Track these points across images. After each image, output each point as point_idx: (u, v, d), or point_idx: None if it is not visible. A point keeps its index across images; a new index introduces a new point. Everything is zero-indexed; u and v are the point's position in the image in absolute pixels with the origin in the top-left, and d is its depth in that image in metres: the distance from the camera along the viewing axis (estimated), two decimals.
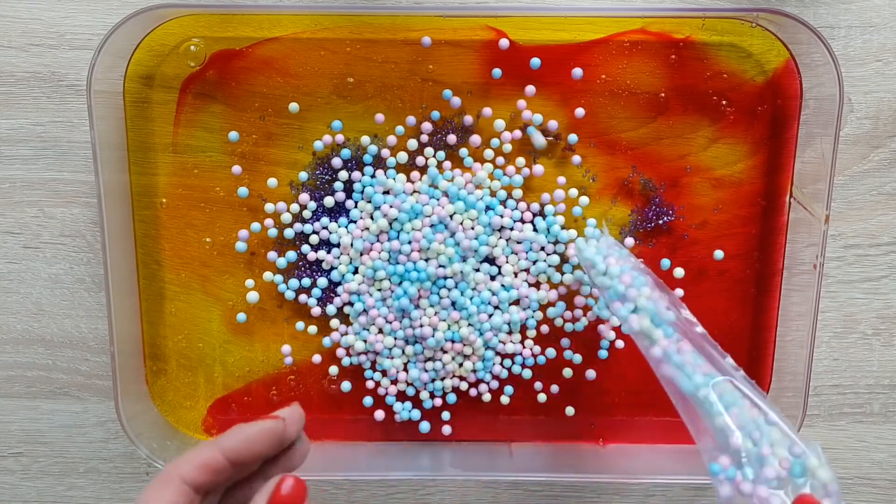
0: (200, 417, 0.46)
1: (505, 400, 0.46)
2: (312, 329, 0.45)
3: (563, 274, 0.44)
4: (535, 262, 0.44)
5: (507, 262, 0.44)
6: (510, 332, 0.45)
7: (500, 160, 0.43)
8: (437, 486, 0.49)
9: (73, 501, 0.49)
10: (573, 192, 0.44)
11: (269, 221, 0.44)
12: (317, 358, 0.45)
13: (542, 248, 0.44)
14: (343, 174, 0.44)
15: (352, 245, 0.43)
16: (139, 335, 0.45)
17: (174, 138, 0.43)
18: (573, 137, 0.43)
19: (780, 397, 0.45)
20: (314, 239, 0.44)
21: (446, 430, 0.46)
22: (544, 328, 0.45)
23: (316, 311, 0.45)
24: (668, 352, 0.36)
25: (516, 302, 0.44)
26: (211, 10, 0.42)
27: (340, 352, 0.45)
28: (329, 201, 0.44)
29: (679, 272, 0.44)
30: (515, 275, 0.44)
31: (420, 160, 0.44)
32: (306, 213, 0.44)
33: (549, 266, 0.44)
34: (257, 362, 0.46)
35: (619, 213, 0.44)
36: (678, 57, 0.42)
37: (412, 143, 0.43)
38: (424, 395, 0.45)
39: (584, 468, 0.45)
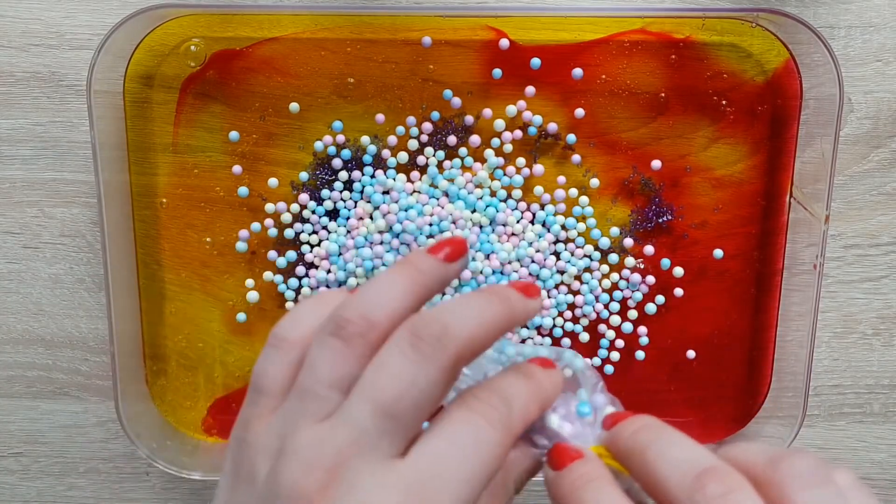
0: (200, 417, 0.46)
1: None
2: None
3: (562, 274, 0.44)
4: (534, 262, 0.44)
5: (507, 262, 0.44)
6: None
7: (500, 160, 0.43)
8: None
9: (73, 501, 0.49)
10: (573, 191, 0.44)
11: (269, 221, 0.44)
12: None
13: (543, 245, 0.44)
14: (343, 174, 0.44)
15: (348, 245, 0.43)
16: (139, 335, 0.45)
17: (174, 138, 0.43)
18: (572, 137, 0.43)
19: (780, 397, 0.45)
20: (314, 239, 0.44)
21: None
22: (544, 327, 0.45)
23: None
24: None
25: None
26: (211, 10, 0.42)
27: None
28: (328, 205, 0.44)
29: (679, 272, 0.45)
30: (516, 272, 0.44)
31: (420, 160, 0.44)
32: (306, 213, 0.44)
33: (549, 266, 0.44)
34: None
35: (619, 213, 0.44)
36: (678, 57, 0.42)
37: (412, 144, 0.43)
38: None
39: None
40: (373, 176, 0.44)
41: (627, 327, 0.45)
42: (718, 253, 0.44)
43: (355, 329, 0.24)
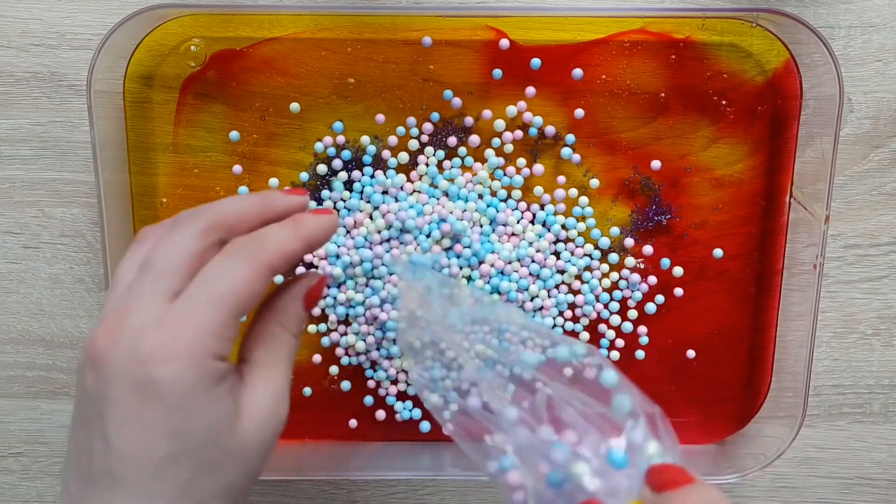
0: None
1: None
2: (312, 329, 0.45)
3: (563, 274, 0.44)
4: (534, 262, 0.44)
5: (508, 263, 0.44)
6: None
7: (501, 160, 0.43)
8: (437, 486, 0.49)
9: None
10: (573, 191, 0.44)
11: None
12: (317, 358, 0.45)
13: (542, 246, 0.44)
14: (343, 174, 0.44)
15: (360, 262, 0.43)
16: None
17: (174, 138, 0.43)
18: (572, 137, 0.43)
19: (780, 397, 0.45)
20: None
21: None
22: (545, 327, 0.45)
23: (316, 311, 0.45)
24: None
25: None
26: (211, 10, 0.42)
27: (340, 352, 0.45)
28: (328, 205, 0.44)
29: (679, 272, 0.45)
30: (516, 272, 0.44)
31: (421, 159, 0.44)
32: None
33: (549, 266, 0.44)
34: None
35: (620, 212, 0.44)
36: (678, 57, 0.42)
37: (413, 144, 0.43)
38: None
39: None
40: (372, 176, 0.44)
41: (627, 327, 0.45)
42: (718, 253, 0.44)
43: (149, 231, 0.32)
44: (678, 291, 0.45)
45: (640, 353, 0.45)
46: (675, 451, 0.25)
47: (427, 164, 0.44)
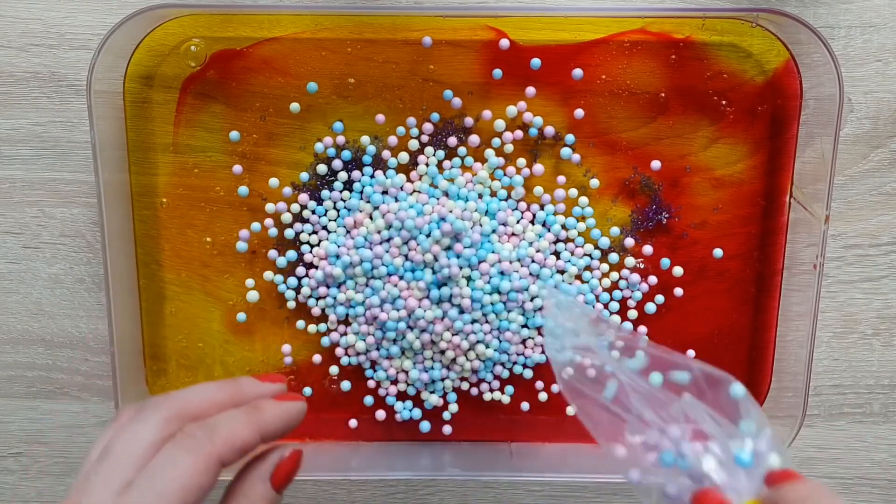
0: None
1: (506, 399, 0.46)
2: (312, 328, 0.45)
3: (563, 274, 0.44)
4: (534, 262, 0.44)
5: (508, 262, 0.44)
6: (511, 331, 0.45)
7: (501, 160, 0.43)
8: (437, 486, 0.49)
9: None
10: (573, 191, 0.44)
11: (269, 221, 0.44)
12: (317, 358, 0.45)
13: (543, 246, 0.44)
14: (343, 175, 0.44)
15: (360, 263, 0.43)
16: (139, 335, 0.45)
17: (174, 138, 0.43)
18: (571, 137, 0.43)
19: (781, 397, 0.45)
20: (314, 239, 0.44)
21: (447, 429, 0.46)
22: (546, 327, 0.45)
23: (316, 311, 0.45)
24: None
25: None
26: (211, 10, 0.42)
27: (340, 351, 0.45)
28: (328, 205, 0.44)
29: (678, 271, 0.45)
30: (516, 272, 0.44)
31: (421, 159, 0.44)
32: (306, 213, 0.44)
33: (549, 266, 0.44)
34: (257, 362, 0.46)
35: (620, 212, 0.44)
36: (678, 57, 0.42)
37: (413, 144, 0.43)
38: (425, 394, 0.45)
39: (584, 468, 0.45)
40: (372, 176, 0.44)
41: (627, 327, 0.45)
42: (718, 253, 0.44)
43: (124, 412, 0.31)
44: (678, 291, 0.45)
45: (639, 353, 0.45)
46: (789, 462, 0.28)
47: (427, 164, 0.44)
